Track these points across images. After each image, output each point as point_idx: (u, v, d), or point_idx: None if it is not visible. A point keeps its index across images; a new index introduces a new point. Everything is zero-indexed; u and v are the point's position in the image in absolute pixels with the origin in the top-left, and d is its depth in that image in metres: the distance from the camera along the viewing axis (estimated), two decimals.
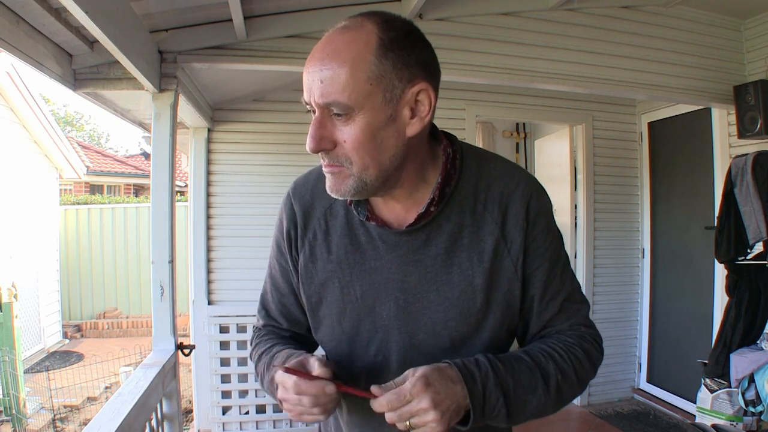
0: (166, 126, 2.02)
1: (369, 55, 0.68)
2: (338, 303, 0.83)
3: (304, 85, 0.71)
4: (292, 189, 0.89)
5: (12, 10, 1.48)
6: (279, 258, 0.90)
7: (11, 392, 4.36)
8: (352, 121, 0.69)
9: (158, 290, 2.00)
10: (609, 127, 3.85)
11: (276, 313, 0.94)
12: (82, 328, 7.31)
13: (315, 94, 0.69)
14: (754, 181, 2.69)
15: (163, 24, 2.02)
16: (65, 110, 21.67)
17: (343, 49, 0.68)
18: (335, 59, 0.67)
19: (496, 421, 0.74)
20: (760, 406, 2.58)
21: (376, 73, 0.68)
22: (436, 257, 0.79)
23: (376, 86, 0.68)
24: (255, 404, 3.22)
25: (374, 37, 0.68)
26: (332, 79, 0.67)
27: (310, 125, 0.72)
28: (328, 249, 0.84)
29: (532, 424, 3.74)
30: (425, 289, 0.80)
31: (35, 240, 6.46)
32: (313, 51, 0.71)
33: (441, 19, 2.38)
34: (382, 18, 0.71)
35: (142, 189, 12.21)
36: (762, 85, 2.74)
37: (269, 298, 0.94)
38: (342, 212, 0.84)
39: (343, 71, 0.67)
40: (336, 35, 0.70)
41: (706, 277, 3.32)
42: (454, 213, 0.79)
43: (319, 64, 0.68)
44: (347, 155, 0.71)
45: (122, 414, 1.41)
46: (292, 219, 0.87)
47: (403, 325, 0.80)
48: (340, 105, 0.68)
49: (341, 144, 0.71)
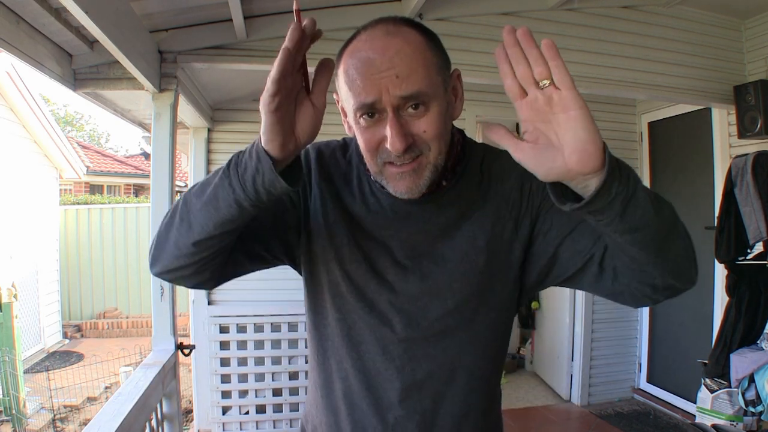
0: (166, 126, 2.02)
1: (428, 51, 0.73)
2: (344, 260, 0.83)
3: (368, 91, 0.70)
4: (313, 147, 0.88)
5: (12, 10, 1.48)
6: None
7: (11, 392, 4.36)
8: (429, 111, 0.73)
9: (158, 290, 2.00)
10: (609, 127, 3.85)
11: None
12: (82, 328, 7.31)
13: (394, 91, 0.70)
14: (754, 181, 2.69)
15: (163, 24, 2.02)
16: (65, 110, 21.70)
17: (406, 49, 0.71)
18: (404, 57, 0.70)
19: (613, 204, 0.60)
20: (760, 406, 2.58)
21: (438, 64, 0.74)
22: (444, 228, 0.83)
23: (440, 75, 0.74)
24: (255, 404, 3.22)
25: (420, 37, 0.73)
26: (410, 73, 0.70)
27: (387, 128, 0.71)
28: (341, 211, 0.85)
29: (532, 423, 3.73)
30: (431, 254, 0.83)
31: (35, 240, 6.46)
32: (369, 60, 0.70)
33: (441, 19, 2.38)
34: (405, 20, 0.75)
35: (142, 189, 12.21)
36: (762, 85, 2.74)
37: None
38: (355, 181, 0.86)
39: (418, 65, 0.71)
40: (388, 40, 0.71)
41: (706, 277, 3.32)
42: (464, 189, 0.84)
43: (389, 64, 0.70)
44: (427, 143, 0.74)
45: (122, 414, 1.41)
46: (307, 166, 0.86)
47: (408, 288, 0.83)
48: (423, 94, 0.71)
49: (420, 135, 0.73)
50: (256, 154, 0.66)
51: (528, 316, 4.56)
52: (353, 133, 0.79)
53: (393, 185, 0.76)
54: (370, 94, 0.70)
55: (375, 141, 0.73)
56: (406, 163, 0.74)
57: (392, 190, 0.77)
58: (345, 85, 0.73)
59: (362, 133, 0.74)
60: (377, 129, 0.73)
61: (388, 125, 0.71)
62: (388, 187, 0.77)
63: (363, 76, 0.70)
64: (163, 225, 0.78)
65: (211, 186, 0.71)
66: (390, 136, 0.71)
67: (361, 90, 0.71)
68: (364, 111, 0.72)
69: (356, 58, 0.72)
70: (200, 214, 0.71)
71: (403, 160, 0.73)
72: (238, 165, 0.68)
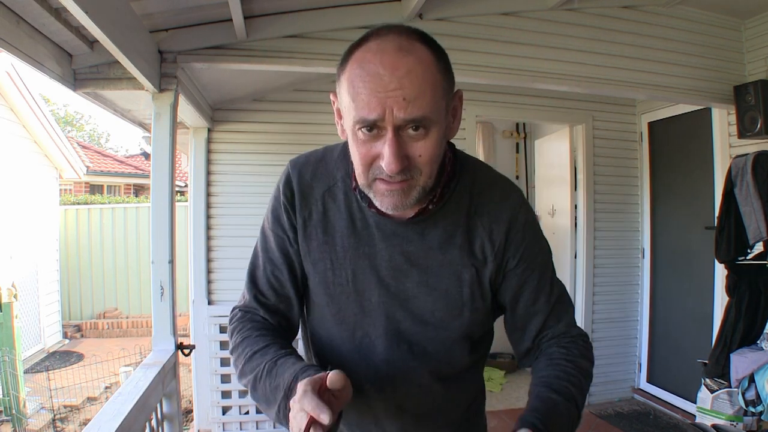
0: (166, 126, 2.02)
1: (438, 74, 0.72)
2: (328, 284, 0.85)
3: (372, 107, 0.69)
4: (292, 165, 0.89)
5: (12, 10, 1.48)
6: (276, 228, 0.89)
7: (11, 392, 4.36)
8: (428, 135, 0.72)
9: (158, 290, 2.00)
10: (609, 127, 3.85)
11: (265, 287, 0.89)
12: (82, 328, 7.30)
13: (398, 113, 0.69)
14: (754, 181, 2.69)
15: (163, 24, 2.02)
16: (65, 110, 21.69)
17: (417, 70, 0.70)
18: (414, 79, 0.69)
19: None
20: (760, 406, 2.58)
21: (444, 88, 0.73)
22: (428, 251, 0.83)
23: (444, 99, 0.74)
24: (255, 404, 3.21)
25: (432, 56, 0.72)
26: (417, 96, 0.69)
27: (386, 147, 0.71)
28: (324, 230, 0.86)
29: None
30: (415, 279, 0.83)
31: (35, 240, 6.46)
32: (377, 75, 0.69)
33: (441, 19, 2.38)
34: (417, 34, 0.73)
35: (142, 189, 12.21)
36: (762, 85, 2.74)
37: (260, 273, 0.90)
38: (341, 197, 0.86)
39: (426, 87, 0.70)
40: (399, 57, 0.69)
41: (706, 277, 3.32)
42: (450, 212, 0.84)
43: (397, 84, 0.68)
44: (419, 167, 0.73)
45: (122, 414, 1.41)
46: (290, 190, 0.87)
47: (390, 312, 0.84)
48: (427, 120, 0.71)
49: (415, 158, 0.72)
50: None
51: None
52: (346, 137, 0.79)
53: (380, 200, 0.76)
54: (373, 111, 0.69)
55: (371, 156, 0.73)
56: (396, 181, 0.73)
57: (379, 205, 0.77)
58: (348, 95, 0.72)
59: (359, 146, 0.73)
60: (374, 144, 0.72)
61: (386, 144, 0.70)
62: (375, 201, 0.77)
63: (369, 92, 0.69)
64: (239, 377, 0.84)
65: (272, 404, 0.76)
66: (387, 156, 0.70)
67: (364, 105, 0.69)
68: (363, 125, 0.71)
69: (364, 70, 0.70)
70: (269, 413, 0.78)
71: (394, 179, 0.73)
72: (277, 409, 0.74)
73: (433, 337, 0.84)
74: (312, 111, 3.29)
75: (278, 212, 0.88)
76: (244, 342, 0.84)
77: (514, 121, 5.04)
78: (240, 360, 0.83)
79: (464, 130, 3.52)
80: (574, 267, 3.86)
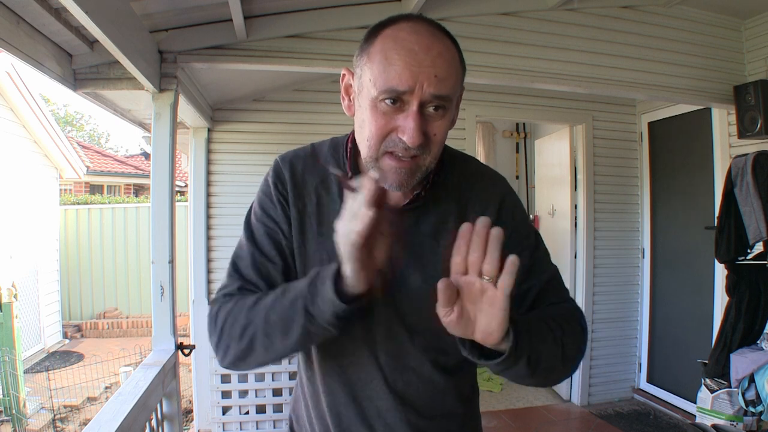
0: (166, 126, 2.02)
1: (459, 64, 0.77)
2: None
3: (405, 78, 0.71)
4: (281, 159, 0.89)
5: (12, 10, 1.48)
6: (266, 220, 0.87)
7: (11, 392, 4.36)
8: (445, 116, 0.76)
9: (158, 290, 2.00)
10: (609, 127, 3.85)
11: (253, 276, 0.85)
12: (82, 328, 7.30)
13: (428, 88, 0.72)
14: (754, 181, 2.69)
15: (163, 24, 2.02)
16: (65, 110, 21.70)
17: (447, 55, 0.74)
18: (445, 61, 0.73)
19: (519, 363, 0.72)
20: (760, 406, 2.58)
21: (462, 78, 0.79)
22: (423, 238, 0.84)
23: (460, 89, 0.78)
24: (255, 404, 3.22)
25: (455, 48, 0.77)
26: (447, 77, 0.73)
27: (409, 120, 0.72)
28: (319, 221, 0.85)
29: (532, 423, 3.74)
30: (412, 265, 0.84)
31: (35, 240, 6.46)
32: (413, 51, 0.72)
33: (441, 19, 2.34)
34: (441, 26, 0.77)
35: (142, 189, 12.21)
36: (762, 85, 2.74)
37: (245, 263, 0.86)
38: (335, 188, 0.86)
39: (453, 70, 0.74)
40: (433, 40, 0.74)
41: (706, 277, 3.32)
42: (442, 199, 0.86)
43: (431, 62, 0.72)
44: (430, 147, 0.76)
45: (122, 414, 1.41)
46: (282, 183, 0.87)
47: (388, 301, 0.84)
48: (449, 99, 0.75)
49: (430, 136, 0.75)
50: (325, 297, 0.69)
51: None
52: (352, 113, 0.81)
53: (385, 176, 0.77)
54: (405, 83, 0.71)
55: (388, 128, 0.74)
56: (407, 157, 0.75)
57: (382, 181, 0.77)
58: (378, 65, 0.73)
59: (378, 117, 0.74)
60: (394, 117, 0.74)
61: (409, 117, 0.72)
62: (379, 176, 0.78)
63: (404, 64, 0.71)
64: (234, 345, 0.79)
65: (290, 323, 0.74)
66: (410, 128, 0.72)
67: (398, 75, 0.71)
68: (390, 95, 0.72)
69: (399, 44, 0.73)
70: (285, 346, 0.76)
71: (406, 154, 0.75)
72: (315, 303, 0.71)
73: (430, 326, 0.83)
74: (312, 111, 3.29)
75: (268, 205, 0.87)
76: (237, 305, 0.80)
77: (514, 121, 5.05)
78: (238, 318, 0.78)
79: (464, 130, 3.53)
80: (574, 267, 3.86)
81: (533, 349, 0.72)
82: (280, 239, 0.86)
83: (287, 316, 0.73)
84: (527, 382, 0.79)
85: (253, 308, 0.78)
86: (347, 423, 0.87)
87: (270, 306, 0.76)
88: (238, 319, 0.79)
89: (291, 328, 0.73)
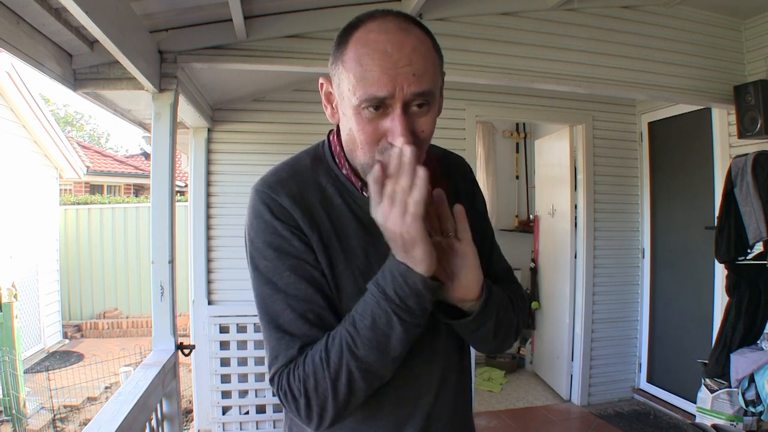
0: (166, 126, 2.02)
1: (435, 52, 0.76)
2: (357, 291, 0.78)
3: (383, 84, 0.70)
4: (267, 188, 0.81)
5: (12, 10, 1.48)
6: (286, 260, 0.78)
7: (11, 392, 4.36)
8: (430, 111, 0.76)
9: (158, 290, 2.00)
10: (609, 127, 3.85)
11: (305, 328, 0.76)
12: (82, 328, 7.30)
13: (409, 88, 0.71)
14: (754, 181, 2.69)
15: (163, 24, 2.02)
16: (65, 110, 21.69)
17: (421, 48, 0.73)
18: (420, 56, 0.72)
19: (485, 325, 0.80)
20: (760, 406, 2.58)
21: (439, 66, 0.77)
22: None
23: (439, 77, 0.77)
24: (255, 404, 3.22)
25: (427, 37, 0.76)
26: (424, 73, 0.72)
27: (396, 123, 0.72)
28: (338, 237, 0.80)
29: (532, 423, 3.73)
30: None
31: (35, 240, 6.46)
32: (386, 53, 0.71)
33: (441, 19, 2.38)
34: (409, 16, 0.76)
35: (142, 189, 12.21)
36: (762, 85, 2.74)
37: (286, 320, 0.77)
38: (338, 200, 0.83)
39: (430, 63, 0.74)
40: (404, 36, 0.72)
41: (706, 277, 3.32)
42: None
43: (407, 61, 0.71)
44: (420, 144, 0.76)
45: (122, 414, 1.41)
46: (285, 212, 0.79)
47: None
48: (431, 95, 0.74)
49: (419, 134, 0.75)
50: (413, 292, 0.70)
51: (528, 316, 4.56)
52: (337, 120, 0.80)
53: None
54: (384, 88, 0.70)
55: (377, 135, 0.73)
56: None
57: None
58: (354, 73, 0.71)
59: (364, 125, 0.73)
60: (380, 122, 0.73)
61: (396, 120, 0.71)
62: None
63: (380, 69, 0.70)
64: (332, 402, 0.73)
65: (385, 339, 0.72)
66: (398, 132, 0.71)
67: (375, 82, 0.70)
68: (371, 103, 0.71)
69: (371, 49, 0.71)
70: (389, 360, 0.74)
71: None
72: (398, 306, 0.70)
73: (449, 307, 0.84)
74: (312, 111, 3.29)
75: (281, 243, 0.78)
76: (308, 365, 0.74)
77: (514, 121, 5.04)
78: (319, 372, 0.73)
79: (464, 130, 3.53)
80: (574, 267, 3.86)
81: (500, 308, 0.80)
82: (312, 273, 0.78)
83: (380, 332, 0.71)
84: (484, 346, 0.86)
85: (329, 353, 0.72)
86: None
87: (348, 337, 0.72)
88: (321, 373, 0.72)
89: (389, 337, 0.71)
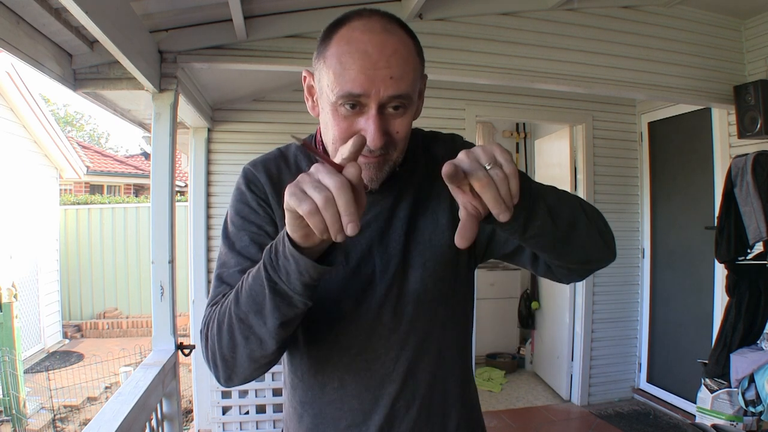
0: (166, 126, 2.02)
1: (416, 56, 0.77)
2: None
3: (360, 83, 0.71)
4: (251, 165, 0.88)
5: (12, 10, 1.48)
6: (248, 227, 0.84)
7: (11, 392, 4.36)
8: (406, 113, 0.76)
9: (158, 290, 2.00)
10: (609, 127, 3.85)
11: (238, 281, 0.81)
12: (82, 328, 7.30)
13: (385, 91, 0.72)
14: (754, 181, 2.69)
15: (163, 24, 2.02)
16: (65, 110, 21.69)
17: (402, 51, 0.74)
18: (400, 58, 0.73)
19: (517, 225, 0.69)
20: (760, 406, 2.58)
21: (420, 70, 0.78)
22: (407, 211, 0.87)
23: (419, 81, 0.78)
24: (255, 404, 3.22)
25: (410, 39, 0.76)
26: (403, 75, 0.73)
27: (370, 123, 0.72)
28: None
29: (532, 423, 3.73)
30: (402, 240, 0.85)
31: (35, 240, 6.46)
32: (366, 53, 0.71)
33: (441, 19, 2.38)
34: (395, 18, 0.77)
35: (142, 189, 12.21)
36: (762, 85, 2.74)
37: (230, 271, 0.82)
38: None
39: (409, 68, 0.74)
40: (386, 37, 0.73)
41: (706, 277, 3.32)
42: (416, 174, 0.89)
43: (386, 63, 0.72)
44: (395, 144, 0.77)
45: (122, 414, 1.41)
46: (259, 188, 0.85)
47: (387, 278, 0.84)
48: (408, 98, 0.74)
49: (393, 135, 0.76)
50: (292, 258, 0.64)
51: (528, 316, 4.56)
52: (317, 114, 0.82)
53: None
54: (361, 87, 0.71)
55: (350, 131, 0.74)
56: (374, 156, 0.76)
57: None
58: (334, 70, 0.73)
59: (339, 121, 0.75)
60: (355, 120, 0.74)
61: (370, 120, 0.73)
62: None
63: (358, 68, 0.71)
64: (218, 347, 0.75)
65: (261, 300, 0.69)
66: (371, 132, 0.72)
67: (352, 80, 0.71)
68: (348, 101, 0.73)
69: (353, 47, 0.72)
70: (265, 328, 0.70)
71: (373, 154, 0.76)
72: (278, 271, 0.66)
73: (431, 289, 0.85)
74: None
75: (246, 212, 0.85)
76: (217, 309, 0.77)
77: (514, 121, 5.05)
78: (216, 318, 0.75)
79: (464, 130, 3.53)
80: None
81: (549, 197, 0.72)
82: (266, 242, 0.81)
83: (255, 291, 0.69)
84: (561, 248, 0.77)
85: (226, 298, 0.75)
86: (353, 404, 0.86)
87: (237, 289, 0.72)
88: (215, 318, 0.76)
89: (264, 297, 0.68)
